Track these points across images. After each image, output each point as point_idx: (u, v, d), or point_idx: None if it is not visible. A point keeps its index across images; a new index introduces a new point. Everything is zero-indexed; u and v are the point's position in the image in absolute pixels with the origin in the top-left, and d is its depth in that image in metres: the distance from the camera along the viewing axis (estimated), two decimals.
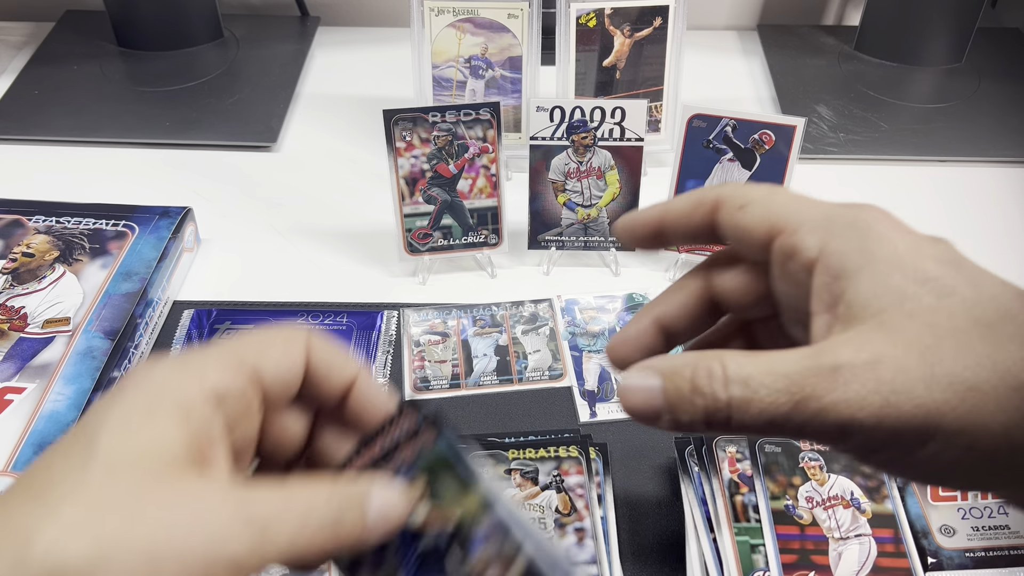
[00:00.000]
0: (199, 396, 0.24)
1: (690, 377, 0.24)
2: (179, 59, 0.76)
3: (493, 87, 0.63)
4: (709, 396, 0.24)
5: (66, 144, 0.68)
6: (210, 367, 0.25)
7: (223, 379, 0.25)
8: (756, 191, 0.27)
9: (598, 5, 0.60)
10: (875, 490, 0.43)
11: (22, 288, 0.51)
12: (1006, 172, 0.66)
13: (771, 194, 0.27)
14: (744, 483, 0.42)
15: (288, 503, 0.23)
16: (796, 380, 0.23)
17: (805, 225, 0.26)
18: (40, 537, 0.20)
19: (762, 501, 0.42)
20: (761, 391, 0.23)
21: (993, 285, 0.24)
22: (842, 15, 0.85)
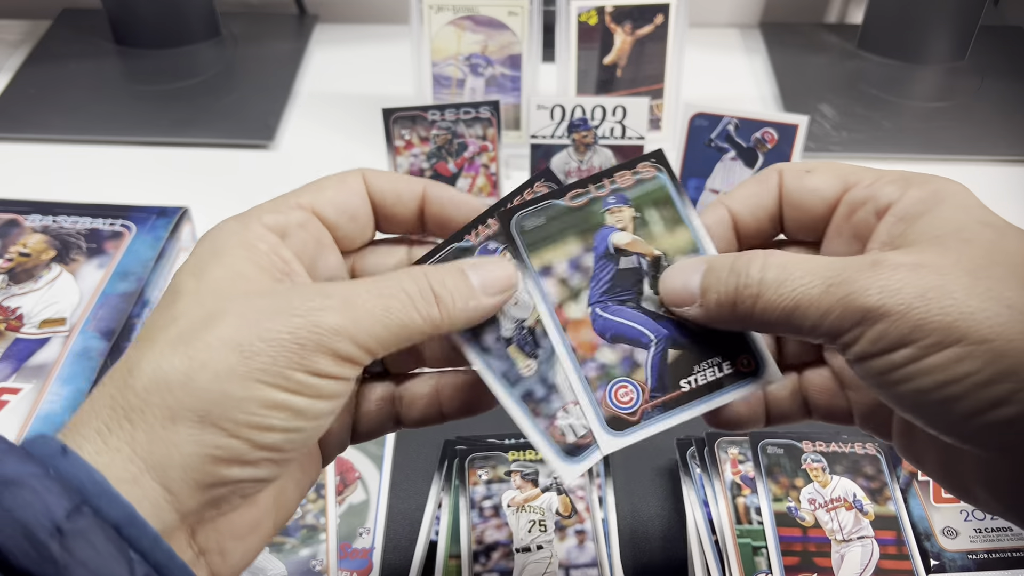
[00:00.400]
0: (259, 232, 0.26)
1: (731, 261, 0.25)
2: (176, 57, 0.75)
3: (493, 85, 0.63)
4: (743, 274, 0.24)
5: (63, 143, 0.68)
6: (265, 210, 0.27)
7: (278, 217, 0.27)
8: (815, 162, 0.28)
9: (599, 2, 0.60)
10: (878, 492, 0.42)
11: (18, 288, 0.51)
12: (1008, 170, 0.66)
13: (832, 162, 0.28)
14: (746, 485, 0.42)
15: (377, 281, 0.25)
16: (834, 268, 0.23)
17: (884, 178, 0.27)
18: (141, 364, 0.22)
19: (764, 503, 0.41)
20: (796, 273, 0.23)
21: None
22: (845, 13, 0.84)
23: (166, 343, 0.23)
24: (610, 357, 0.27)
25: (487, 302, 0.26)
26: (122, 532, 0.21)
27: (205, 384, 0.22)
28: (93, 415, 0.22)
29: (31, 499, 0.20)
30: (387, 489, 0.44)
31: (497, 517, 0.41)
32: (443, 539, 0.41)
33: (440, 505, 0.42)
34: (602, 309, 0.27)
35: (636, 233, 0.28)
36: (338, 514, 0.43)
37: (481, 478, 0.43)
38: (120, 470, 0.21)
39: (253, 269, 0.25)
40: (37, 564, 0.19)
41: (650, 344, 0.27)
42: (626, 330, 0.27)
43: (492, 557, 0.40)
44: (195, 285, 0.24)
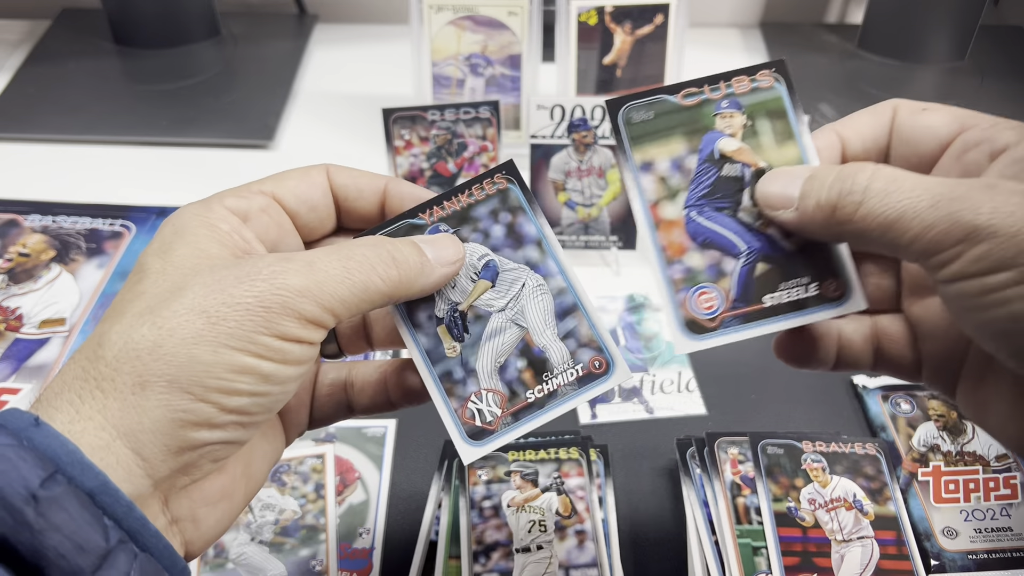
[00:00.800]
0: (221, 214, 0.26)
1: (837, 170, 0.25)
2: (176, 57, 0.75)
3: (493, 85, 0.63)
4: (849, 180, 0.24)
5: (62, 143, 0.68)
6: (227, 195, 0.27)
7: (240, 201, 0.27)
8: (932, 104, 0.28)
9: (599, 2, 0.60)
10: (877, 492, 0.42)
11: (18, 288, 0.51)
12: None
13: (949, 106, 0.28)
14: (746, 485, 0.42)
15: (340, 248, 0.25)
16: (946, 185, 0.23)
17: (1002, 124, 0.26)
18: (109, 336, 0.23)
19: (764, 503, 0.41)
20: (905, 185, 0.23)
21: None
22: (845, 13, 0.84)
23: (133, 315, 0.23)
24: (698, 261, 0.27)
25: (440, 271, 0.27)
26: (96, 499, 0.21)
27: (173, 350, 0.22)
28: (65, 387, 0.23)
29: (6, 468, 0.20)
30: (387, 489, 0.44)
31: (497, 517, 0.41)
32: (443, 539, 0.40)
33: (440, 505, 0.42)
34: (698, 213, 0.27)
35: (745, 142, 0.28)
36: (338, 514, 0.43)
37: (481, 478, 0.43)
38: (93, 438, 0.22)
39: (216, 247, 0.25)
40: (12, 529, 0.20)
41: (740, 254, 0.27)
42: (718, 237, 0.27)
43: (492, 557, 0.40)
44: (160, 264, 0.25)
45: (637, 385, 0.49)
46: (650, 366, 0.50)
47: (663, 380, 0.49)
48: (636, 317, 0.53)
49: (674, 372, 0.50)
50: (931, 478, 0.43)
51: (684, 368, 0.50)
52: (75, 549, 0.20)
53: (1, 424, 0.21)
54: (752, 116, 0.28)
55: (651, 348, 0.51)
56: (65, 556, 0.20)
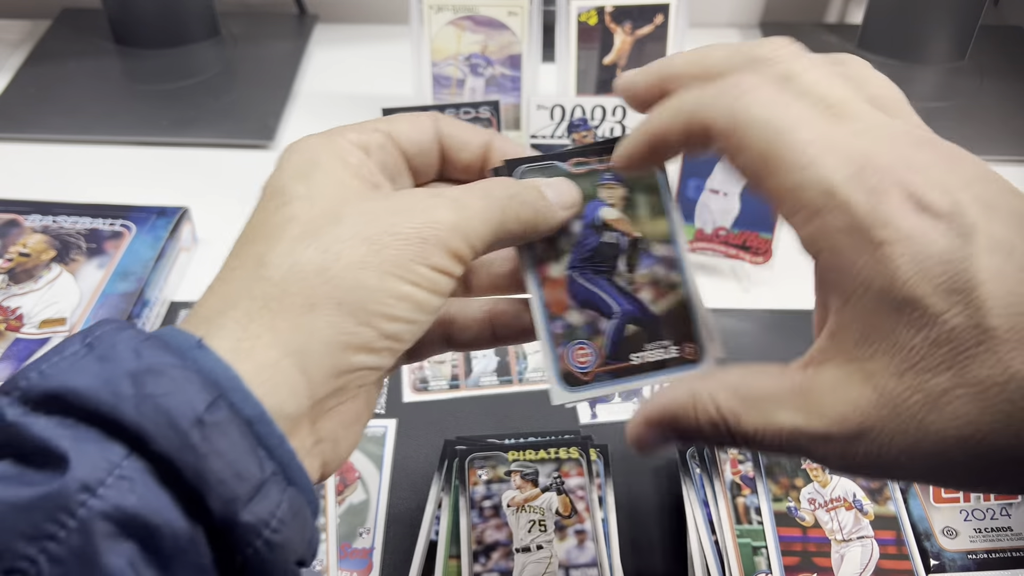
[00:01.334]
0: (348, 147, 0.27)
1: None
2: (176, 57, 0.75)
3: (493, 85, 0.63)
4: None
5: (63, 143, 0.68)
6: (348, 129, 0.28)
7: (362, 136, 0.28)
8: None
9: (599, 2, 0.60)
10: (877, 492, 0.42)
11: (18, 288, 0.51)
12: (1008, 171, 0.66)
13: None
14: (746, 485, 0.42)
15: (473, 186, 0.26)
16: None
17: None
18: (271, 257, 0.23)
19: (764, 503, 0.41)
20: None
21: None
22: (845, 13, 0.84)
23: (292, 239, 0.24)
24: (577, 319, 0.29)
25: (560, 214, 0.28)
26: (253, 428, 0.21)
27: (340, 273, 0.23)
28: (228, 305, 0.23)
29: (173, 389, 0.20)
30: (387, 489, 0.44)
31: (497, 517, 0.41)
32: (443, 539, 0.41)
33: (440, 505, 0.42)
34: (579, 274, 0.30)
35: (624, 212, 0.30)
36: (338, 514, 0.43)
37: (481, 478, 0.43)
38: (262, 355, 0.22)
39: (351, 178, 0.26)
40: (178, 450, 0.20)
41: (613, 315, 0.29)
42: (596, 298, 0.30)
43: (492, 557, 0.40)
44: (304, 189, 0.25)
45: None
46: None
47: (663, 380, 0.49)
48: None
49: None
50: None
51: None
52: (234, 476, 0.20)
53: (165, 342, 0.22)
54: (632, 189, 0.30)
55: None
56: (225, 482, 0.20)
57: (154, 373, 0.20)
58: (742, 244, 0.55)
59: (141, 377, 0.20)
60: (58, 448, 0.19)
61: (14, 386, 0.20)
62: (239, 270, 0.24)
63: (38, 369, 0.21)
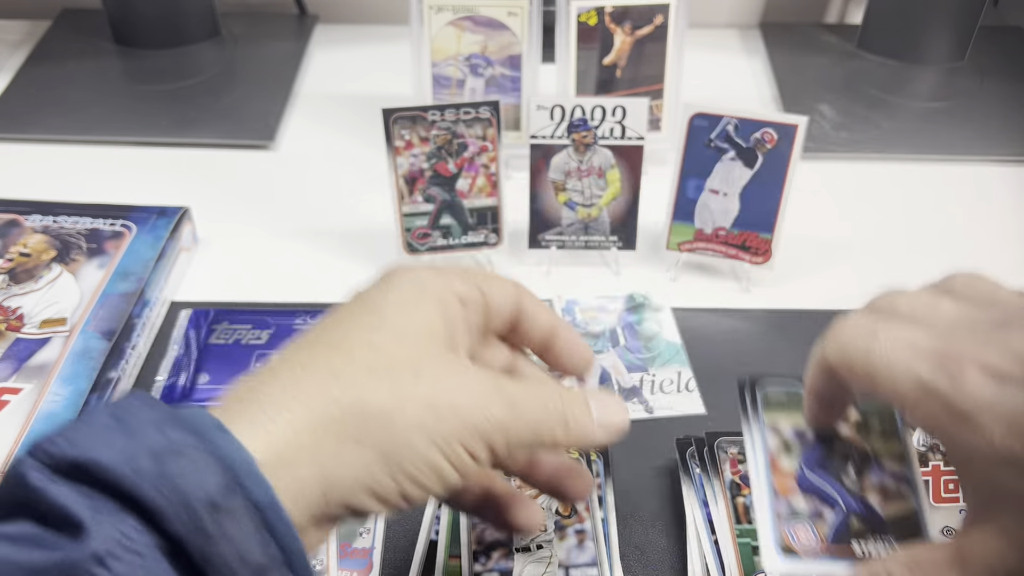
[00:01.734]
0: (450, 295, 0.29)
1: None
2: (176, 57, 0.75)
3: (493, 85, 0.63)
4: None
5: (63, 143, 0.68)
6: (455, 276, 0.29)
7: (466, 288, 0.29)
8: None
9: (599, 3, 0.60)
10: None
11: (19, 288, 0.51)
12: (1008, 171, 0.66)
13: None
14: (746, 485, 0.42)
15: (528, 389, 0.28)
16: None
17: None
18: (344, 376, 0.25)
19: None
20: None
21: None
22: (844, 13, 0.85)
23: (370, 370, 0.25)
24: (802, 504, 0.33)
25: (599, 435, 0.29)
26: (264, 514, 0.22)
27: (399, 429, 0.24)
28: (288, 401, 0.24)
29: (190, 469, 0.21)
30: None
31: None
32: (443, 539, 0.41)
33: (440, 504, 0.42)
34: (809, 471, 0.34)
35: (857, 433, 0.34)
36: None
37: None
38: (300, 469, 0.23)
39: (443, 329, 0.28)
40: (190, 532, 0.20)
41: (838, 508, 0.33)
42: (823, 492, 0.33)
43: (492, 557, 0.40)
44: (400, 322, 0.27)
45: (637, 384, 0.49)
46: (650, 366, 0.51)
47: (663, 380, 0.50)
48: (636, 317, 0.54)
49: (674, 372, 0.50)
50: (930, 477, 0.43)
51: (684, 368, 0.50)
52: (239, 561, 0.21)
53: (189, 422, 0.22)
54: (864, 414, 0.35)
55: (651, 348, 0.51)
56: (229, 566, 0.21)
57: (175, 453, 0.21)
58: (742, 244, 0.55)
59: (162, 456, 0.21)
60: (76, 516, 0.20)
61: (41, 450, 0.21)
62: (310, 370, 0.25)
63: (66, 436, 0.21)
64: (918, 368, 0.26)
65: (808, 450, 0.34)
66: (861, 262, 0.58)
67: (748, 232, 0.54)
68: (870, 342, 0.28)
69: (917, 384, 0.26)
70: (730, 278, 0.57)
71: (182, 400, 0.48)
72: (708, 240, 0.55)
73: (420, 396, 0.25)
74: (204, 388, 0.48)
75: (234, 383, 0.25)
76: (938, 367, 0.26)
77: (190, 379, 0.49)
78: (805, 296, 0.55)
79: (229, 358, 0.50)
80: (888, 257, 0.59)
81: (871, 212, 0.62)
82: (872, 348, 0.27)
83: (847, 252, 0.59)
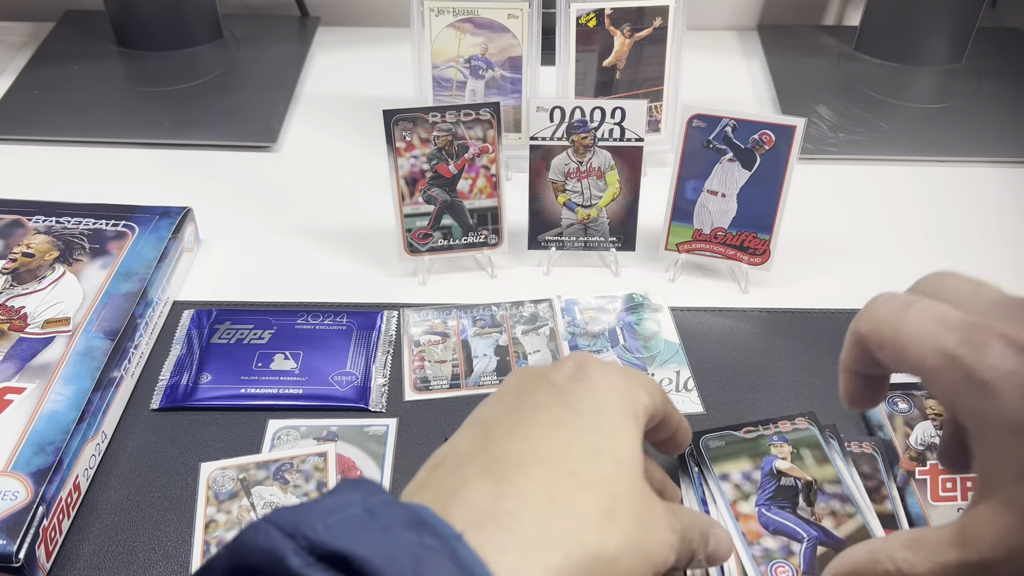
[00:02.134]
0: (641, 411, 0.31)
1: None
2: (179, 59, 0.76)
3: (493, 87, 0.63)
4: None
5: (66, 144, 0.68)
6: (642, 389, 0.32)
7: (651, 402, 0.32)
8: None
9: (598, 5, 0.60)
10: (875, 490, 0.42)
11: (22, 288, 0.51)
12: (1006, 172, 0.66)
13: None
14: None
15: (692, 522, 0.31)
16: None
17: None
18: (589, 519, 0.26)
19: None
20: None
21: None
22: (842, 15, 0.85)
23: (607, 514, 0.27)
24: (771, 544, 0.36)
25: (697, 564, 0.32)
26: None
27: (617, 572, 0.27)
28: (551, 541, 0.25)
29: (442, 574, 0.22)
30: (388, 487, 0.44)
31: None
32: None
33: None
34: (766, 509, 0.37)
35: (793, 463, 0.39)
36: None
37: None
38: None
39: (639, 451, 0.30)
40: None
41: (803, 540, 0.36)
42: (785, 527, 0.37)
43: None
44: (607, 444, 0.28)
45: None
46: (648, 365, 0.51)
47: (661, 379, 0.50)
48: (635, 317, 0.54)
49: (672, 371, 0.50)
50: (928, 476, 0.43)
51: (682, 367, 0.51)
52: None
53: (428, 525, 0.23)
54: (796, 446, 0.40)
55: (650, 347, 0.52)
56: None
57: (429, 558, 0.22)
58: (740, 245, 0.55)
59: (419, 558, 0.21)
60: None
61: (300, 534, 0.21)
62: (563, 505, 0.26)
63: (323, 522, 0.22)
64: (945, 338, 0.26)
65: (760, 490, 0.37)
66: (858, 263, 0.58)
67: (746, 233, 0.55)
68: (901, 313, 0.28)
69: (942, 353, 0.26)
70: (728, 278, 0.57)
71: (184, 400, 0.48)
72: (707, 241, 0.56)
73: (633, 542, 0.27)
74: (206, 387, 0.49)
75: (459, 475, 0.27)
76: (963, 338, 0.26)
77: (192, 378, 0.49)
78: (803, 296, 0.55)
79: (231, 358, 0.50)
80: (886, 258, 0.59)
81: (869, 213, 0.63)
82: (902, 319, 0.28)
83: (845, 253, 0.59)
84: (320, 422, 0.47)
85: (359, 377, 0.49)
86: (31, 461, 0.41)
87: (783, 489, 0.37)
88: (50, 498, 0.40)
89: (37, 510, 0.39)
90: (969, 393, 0.25)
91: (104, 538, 0.42)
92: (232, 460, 0.45)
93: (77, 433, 0.43)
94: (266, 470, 0.44)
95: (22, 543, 0.38)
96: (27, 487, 0.40)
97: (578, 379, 0.30)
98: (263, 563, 0.21)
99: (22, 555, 0.38)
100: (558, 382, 0.30)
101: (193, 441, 0.46)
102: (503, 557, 0.24)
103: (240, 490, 0.43)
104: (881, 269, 0.58)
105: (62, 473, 0.41)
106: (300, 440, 0.46)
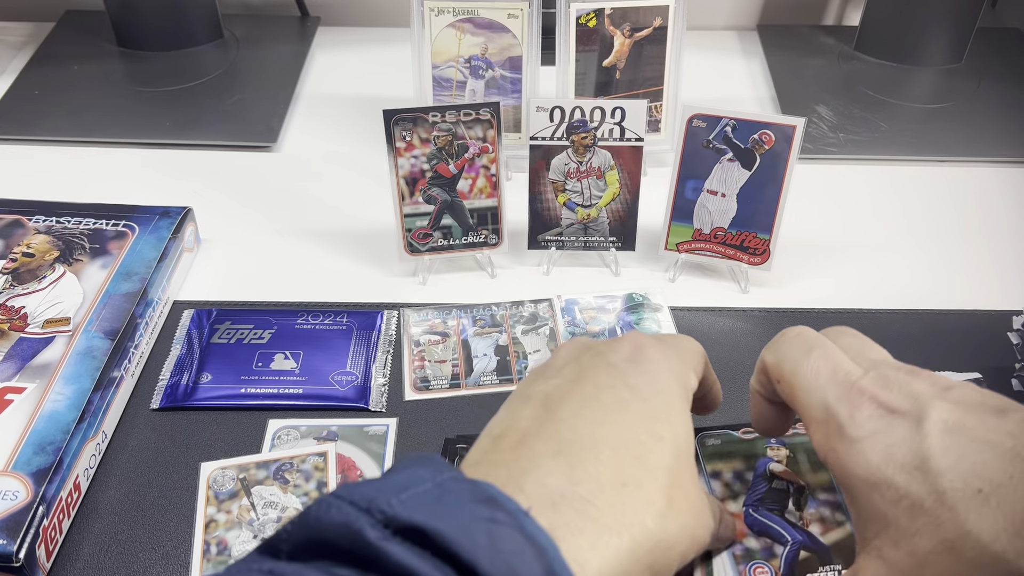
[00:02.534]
0: (690, 391, 0.32)
1: None
2: (179, 59, 0.76)
3: (493, 87, 0.63)
4: None
5: (66, 144, 0.68)
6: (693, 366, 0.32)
7: (697, 379, 0.32)
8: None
9: (598, 5, 0.61)
10: None
11: (22, 288, 0.51)
12: (1006, 172, 0.67)
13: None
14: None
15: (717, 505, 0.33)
16: None
17: None
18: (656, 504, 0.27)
19: None
20: None
21: None
22: (842, 15, 0.85)
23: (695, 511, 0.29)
24: (754, 544, 0.36)
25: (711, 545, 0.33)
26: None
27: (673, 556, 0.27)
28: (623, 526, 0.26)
29: (516, 548, 0.22)
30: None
31: None
32: None
33: None
34: (754, 510, 0.37)
35: (788, 467, 0.38)
36: None
37: None
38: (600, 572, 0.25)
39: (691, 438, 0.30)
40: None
41: (787, 543, 0.36)
42: (770, 529, 0.36)
43: None
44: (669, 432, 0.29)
45: None
46: None
47: None
48: (635, 316, 0.54)
49: None
50: None
51: None
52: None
53: (496, 500, 0.23)
54: (793, 450, 0.39)
55: None
56: None
57: (501, 532, 0.22)
58: (740, 244, 0.55)
59: (493, 532, 0.22)
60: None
61: (375, 508, 0.22)
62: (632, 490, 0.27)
63: (396, 497, 0.22)
64: (829, 393, 0.29)
65: (750, 491, 0.37)
66: (858, 263, 0.58)
67: (746, 233, 0.55)
68: (802, 357, 0.30)
69: (824, 407, 0.29)
70: (728, 278, 0.57)
71: (185, 400, 0.48)
72: (706, 240, 0.56)
73: (689, 528, 0.28)
74: (206, 387, 0.49)
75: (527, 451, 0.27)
76: (843, 396, 0.29)
77: (192, 378, 0.49)
78: (802, 296, 0.55)
79: (231, 358, 0.50)
80: (885, 258, 0.59)
81: (868, 213, 0.63)
82: (801, 363, 0.30)
83: (844, 253, 0.59)
84: (320, 422, 0.47)
85: (359, 377, 0.49)
86: (31, 461, 0.41)
87: (774, 492, 0.37)
88: (50, 498, 0.40)
89: (37, 510, 0.39)
90: (841, 447, 0.28)
91: (104, 538, 0.42)
92: (232, 460, 0.45)
93: (77, 433, 0.43)
94: (266, 470, 0.44)
95: (22, 543, 0.38)
96: (27, 487, 0.40)
97: (638, 361, 0.30)
98: (338, 537, 0.21)
99: (22, 555, 0.38)
100: (617, 363, 0.30)
101: (193, 441, 0.46)
102: (579, 538, 0.25)
103: (240, 490, 0.43)
104: (881, 269, 0.58)
105: (62, 473, 0.41)
106: (300, 440, 0.46)
